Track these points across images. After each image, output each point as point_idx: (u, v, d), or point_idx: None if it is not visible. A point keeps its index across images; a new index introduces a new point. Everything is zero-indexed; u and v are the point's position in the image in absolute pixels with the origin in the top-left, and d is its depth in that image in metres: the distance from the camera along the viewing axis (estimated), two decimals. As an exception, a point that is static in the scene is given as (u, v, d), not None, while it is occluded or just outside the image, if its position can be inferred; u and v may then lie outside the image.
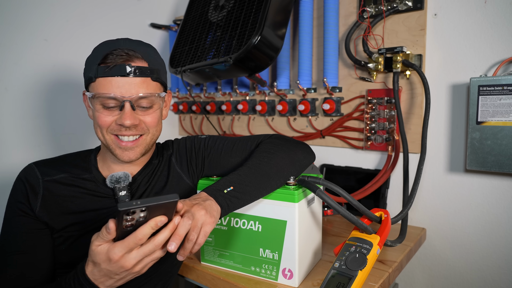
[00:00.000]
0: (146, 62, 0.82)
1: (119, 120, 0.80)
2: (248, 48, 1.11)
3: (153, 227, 0.61)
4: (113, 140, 0.83)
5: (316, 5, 1.36)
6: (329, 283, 0.75)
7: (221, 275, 0.92)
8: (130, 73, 0.78)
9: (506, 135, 0.97)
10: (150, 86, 0.82)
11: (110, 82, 0.78)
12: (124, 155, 0.83)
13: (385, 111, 1.22)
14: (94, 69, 0.79)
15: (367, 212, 0.85)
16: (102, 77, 0.79)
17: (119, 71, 0.78)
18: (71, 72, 1.45)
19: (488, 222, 1.09)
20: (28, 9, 1.32)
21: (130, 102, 0.79)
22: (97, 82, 0.79)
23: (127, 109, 0.79)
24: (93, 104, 0.81)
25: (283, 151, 0.88)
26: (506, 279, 1.07)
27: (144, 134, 0.85)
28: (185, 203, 0.70)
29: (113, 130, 0.81)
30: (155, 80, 0.83)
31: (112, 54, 0.78)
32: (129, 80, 0.79)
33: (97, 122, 0.82)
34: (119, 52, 0.79)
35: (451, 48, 1.12)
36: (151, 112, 0.84)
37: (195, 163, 0.97)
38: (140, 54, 0.81)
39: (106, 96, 0.78)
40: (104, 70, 0.78)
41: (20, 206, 0.82)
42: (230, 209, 0.76)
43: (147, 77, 0.81)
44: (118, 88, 0.78)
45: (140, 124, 0.82)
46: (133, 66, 0.79)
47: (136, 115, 0.81)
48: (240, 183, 0.78)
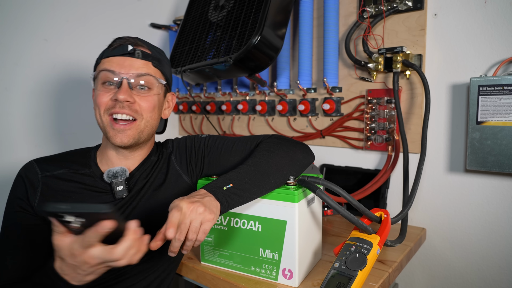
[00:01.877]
0: (150, 51, 0.89)
1: (115, 95, 0.83)
2: (248, 48, 1.11)
3: (99, 232, 0.58)
4: (108, 122, 0.85)
5: (316, 5, 1.36)
6: (329, 283, 0.75)
7: (221, 275, 0.92)
8: (131, 52, 0.84)
9: (506, 135, 0.97)
10: (150, 70, 0.87)
11: (112, 60, 0.84)
12: (117, 137, 0.84)
13: (385, 111, 1.22)
14: (101, 53, 0.87)
15: (367, 212, 0.85)
16: (107, 57, 0.85)
17: (121, 50, 0.84)
18: (71, 72, 1.45)
19: (488, 222, 1.09)
20: (28, 9, 1.32)
21: (128, 79, 0.83)
22: (102, 62, 0.86)
23: (124, 85, 0.83)
24: (96, 85, 0.87)
25: (283, 150, 0.89)
26: (506, 279, 1.07)
27: (138, 120, 0.86)
28: (183, 200, 0.69)
29: (109, 107, 0.84)
30: (156, 67, 0.88)
31: (119, 38, 0.87)
32: (130, 60, 0.84)
33: (96, 101, 0.86)
34: (126, 37, 0.87)
35: (451, 48, 1.12)
36: (148, 95, 0.87)
37: (194, 162, 0.97)
38: (146, 46, 0.89)
39: (106, 70, 0.83)
40: (109, 51, 0.85)
41: (19, 202, 0.83)
42: (230, 206, 0.75)
43: (148, 61, 0.87)
44: (119, 65, 0.84)
45: (134, 104, 0.85)
46: (136, 49, 0.85)
47: (132, 94, 0.84)
48: (239, 181, 0.78)
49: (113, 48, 0.85)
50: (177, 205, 0.68)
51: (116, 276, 0.86)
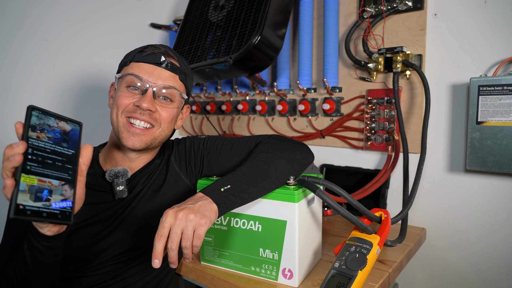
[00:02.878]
0: (178, 64, 0.90)
1: (138, 101, 0.84)
2: (248, 48, 1.11)
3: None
4: (124, 123, 0.86)
5: (316, 5, 1.36)
6: (329, 283, 0.75)
7: (221, 275, 0.92)
8: (162, 63, 0.86)
9: (506, 135, 0.97)
10: (176, 83, 0.89)
11: (142, 67, 0.86)
12: (129, 140, 0.85)
13: (385, 111, 1.22)
14: (131, 55, 0.88)
15: (367, 212, 0.85)
16: (137, 62, 0.86)
17: (153, 58, 0.85)
18: (71, 72, 1.45)
19: (488, 222, 1.09)
20: (28, 9, 1.32)
21: (154, 88, 0.85)
22: (131, 65, 0.87)
23: (149, 94, 0.84)
24: (119, 85, 0.87)
25: (281, 151, 0.88)
26: (506, 279, 1.07)
27: (155, 127, 0.87)
28: (172, 209, 0.68)
29: (129, 111, 0.85)
30: (181, 81, 0.90)
31: (152, 46, 0.88)
32: (159, 70, 0.86)
33: (116, 102, 0.86)
34: (158, 46, 0.88)
35: (451, 48, 1.12)
36: (170, 107, 0.89)
37: (193, 163, 0.97)
38: (176, 56, 0.90)
39: (135, 75, 0.84)
40: (141, 56, 0.86)
41: None
42: (228, 207, 0.75)
43: (176, 74, 0.88)
44: (147, 73, 0.85)
45: (155, 113, 0.86)
46: (167, 60, 0.87)
47: (154, 103, 0.86)
48: (237, 182, 0.78)
49: (146, 55, 0.86)
50: (165, 214, 0.67)
51: (113, 277, 0.86)
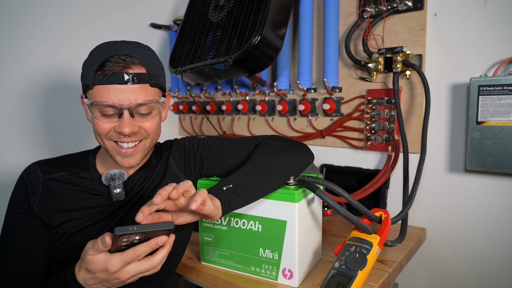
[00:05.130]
0: (144, 68, 0.81)
1: (118, 128, 0.79)
2: (248, 48, 1.11)
3: (153, 247, 0.62)
4: (113, 146, 0.83)
5: (316, 5, 1.36)
6: (329, 283, 0.75)
7: (221, 275, 0.92)
8: (128, 81, 0.77)
9: (506, 135, 0.97)
10: (148, 93, 0.81)
11: (108, 90, 0.77)
12: (125, 161, 0.84)
13: (385, 111, 1.22)
14: (91, 76, 0.78)
15: (367, 212, 0.85)
16: (100, 84, 0.77)
17: (116, 79, 0.77)
18: (71, 72, 1.45)
19: (488, 222, 1.09)
20: (28, 9, 1.32)
21: (129, 109, 0.79)
22: (95, 89, 0.78)
23: (125, 117, 0.79)
24: (92, 111, 0.81)
25: (282, 151, 0.89)
26: (506, 279, 1.07)
27: (144, 139, 0.85)
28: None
29: (112, 137, 0.82)
30: (153, 86, 0.82)
31: (109, 61, 0.77)
32: (127, 87, 0.78)
33: (96, 129, 0.82)
34: (116, 59, 0.77)
35: (451, 48, 1.12)
36: (150, 118, 0.84)
37: (193, 164, 0.97)
38: (137, 59, 0.80)
39: (104, 104, 0.78)
40: (102, 78, 0.77)
41: (20, 203, 0.84)
42: (231, 205, 0.75)
43: (145, 83, 0.80)
44: (116, 96, 0.77)
45: (139, 130, 0.82)
46: (131, 74, 0.77)
47: (135, 122, 0.81)
48: (240, 181, 0.78)
49: (108, 77, 0.77)
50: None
51: None
